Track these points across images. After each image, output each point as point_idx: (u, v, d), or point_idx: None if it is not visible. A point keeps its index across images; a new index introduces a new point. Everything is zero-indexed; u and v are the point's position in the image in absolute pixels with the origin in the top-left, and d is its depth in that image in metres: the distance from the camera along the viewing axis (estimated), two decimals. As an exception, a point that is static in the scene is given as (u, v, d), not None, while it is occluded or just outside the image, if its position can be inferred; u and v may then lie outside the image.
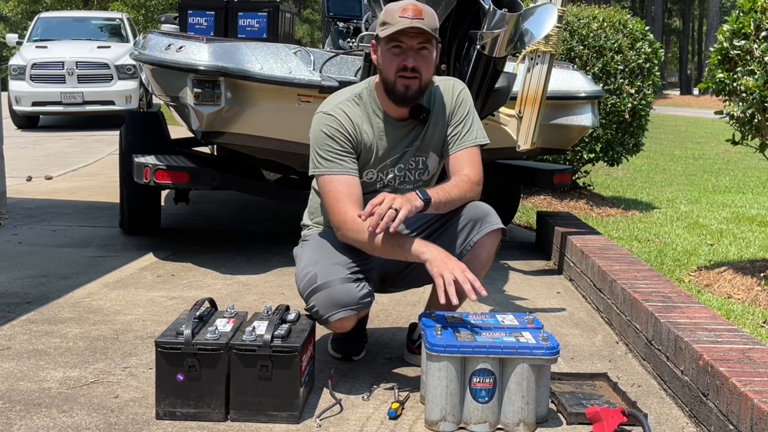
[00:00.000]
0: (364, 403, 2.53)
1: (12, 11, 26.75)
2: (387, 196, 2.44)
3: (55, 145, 10.58)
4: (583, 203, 6.48)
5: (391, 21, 2.56)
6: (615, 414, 2.32)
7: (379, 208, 2.41)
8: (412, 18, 2.53)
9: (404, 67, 2.56)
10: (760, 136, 3.86)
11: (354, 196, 2.57)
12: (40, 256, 4.47)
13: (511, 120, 4.05)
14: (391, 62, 2.57)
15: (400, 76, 2.57)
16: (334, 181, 2.58)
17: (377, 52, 2.64)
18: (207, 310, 2.59)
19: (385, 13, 2.59)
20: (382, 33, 2.57)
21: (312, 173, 2.65)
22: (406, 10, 2.54)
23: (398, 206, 2.41)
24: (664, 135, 14.10)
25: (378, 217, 2.40)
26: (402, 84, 2.58)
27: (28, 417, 2.36)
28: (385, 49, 2.58)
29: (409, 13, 2.53)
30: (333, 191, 2.58)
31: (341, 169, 2.59)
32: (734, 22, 3.79)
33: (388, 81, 2.60)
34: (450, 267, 2.41)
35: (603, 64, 6.32)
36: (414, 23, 2.52)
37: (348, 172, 2.60)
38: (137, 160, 4.31)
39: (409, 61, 2.56)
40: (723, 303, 3.59)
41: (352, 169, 2.61)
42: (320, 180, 2.62)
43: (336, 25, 5.67)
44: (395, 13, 2.55)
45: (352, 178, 2.60)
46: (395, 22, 2.54)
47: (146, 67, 4.57)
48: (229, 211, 6.17)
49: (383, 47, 2.59)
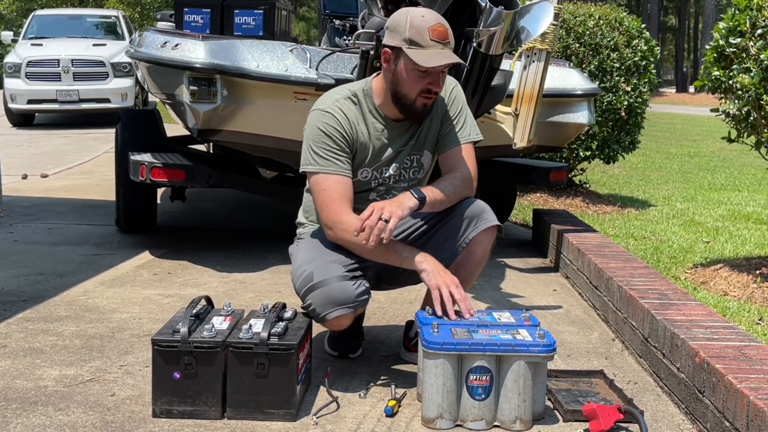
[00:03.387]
0: (361, 400, 2.53)
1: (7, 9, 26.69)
2: (375, 207, 2.45)
3: (51, 142, 10.56)
4: (580, 201, 6.48)
5: (421, 42, 2.50)
6: (611, 411, 2.32)
7: (368, 222, 2.42)
8: (443, 44, 2.51)
9: (429, 90, 2.56)
10: (756, 133, 3.86)
11: (347, 197, 2.58)
12: (36, 255, 4.46)
13: (508, 118, 4.05)
14: (415, 83, 2.55)
15: (423, 96, 2.57)
16: (329, 180, 2.58)
17: (392, 62, 2.57)
18: (203, 308, 2.59)
19: (412, 29, 2.51)
20: (413, 55, 2.50)
21: (304, 170, 2.63)
22: (435, 31, 2.50)
23: (387, 216, 2.43)
24: (660, 133, 14.12)
25: (369, 231, 2.42)
26: (422, 103, 2.58)
27: (25, 415, 2.36)
28: (410, 69, 2.53)
29: (439, 36, 2.50)
30: (327, 190, 2.57)
31: (336, 168, 2.59)
32: (730, 20, 3.80)
33: (407, 98, 2.58)
34: (447, 281, 2.47)
35: (599, 61, 6.33)
36: (445, 53, 2.50)
37: (342, 172, 2.60)
38: (133, 158, 4.31)
39: (435, 86, 2.56)
40: (719, 300, 3.60)
41: (347, 169, 2.61)
42: (313, 178, 2.62)
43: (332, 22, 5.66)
44: (425, 34, 2.50)
45: (345, 179, 2.59)
46: (426, 44, 2.50)
47: (142, 65, 4.56)
48: (226, 208, 6.17)
49: (407, 65, 2.53)
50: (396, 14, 2.62)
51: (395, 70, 2.57)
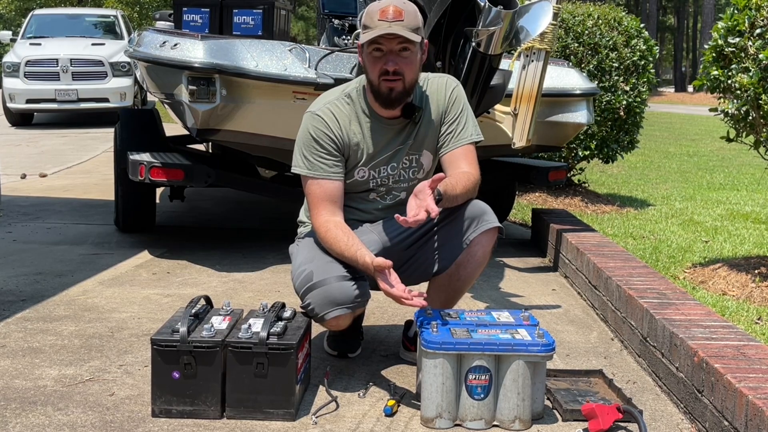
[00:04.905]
0: (360, 400, 2.54)
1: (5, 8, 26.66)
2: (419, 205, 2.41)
3: (50, 142, 10.55)
4: (578, 200, 6.48)
5: (370, 24, 2.55)
6: (610, 410, 2.33)
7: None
8: (392, 21, 2.51)
9: (385, 71, 2.56)
10: (755, 133, 3.86)
11: (329, 200, 2.61)
12: (35, 254, 4.46)
13: (507, 117, 4.06)
14: (373, 66, 2.58)
15: (383, 79, 2.57)
16: (313, 185, 2.63)
17: (362, 54, 2.64)
18: (202, 308, 2.59)
19: (366, 16, 2.58)
20: (363, 38, 2.57)
21: (294, 171, 2.68)
22: (385, 12, 2.53)
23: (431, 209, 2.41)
24: (659, 132, 14.12)
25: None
26: (386, 87, 2.58)
27: (24, 415, 2.36)
28: (367, 53, 2.58)
29: (388, 16, 2.52)
30: (311, 194, 2.64)
31: (321, 173, 2.62)
32: (729, 20, 3.80)
33: (373, 84, 2.61)
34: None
35: (598, 61, 6.33)
36: (392, 28, 2.51)
37: (329, 176, 2.62)
38: (132, 158, 4.31)
39: (390, 65, 2.56)
40: (718, 300, 3.60)
41: (334, 173, 2.63)
42: (302, 179, 2.68)
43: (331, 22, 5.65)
44: (375, 16, 2.54)
45: (330, 182, 2.62)
46: (374, 25, 2.53)
47: (141, 65, 4.56)
48: (225, 208, 6.17)
49: (366, 50, 2.59)
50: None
51: (363, 62, 2.62)
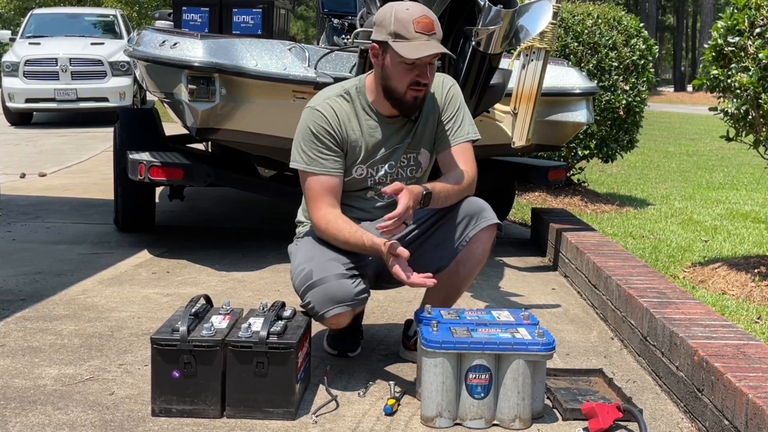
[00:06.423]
0: (360, 399, 2.53)
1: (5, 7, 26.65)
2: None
3: (49, 141, 10.55)
4: (578, 200, 6.48)
5: (405, 35, 2.50)
6: (610, 409, 2.33)
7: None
8: (429, 35, 2.50)
9: (418, 83, 2.55)
10: (754, 132, 3.86)
11: (327, 195, 2.61)
12: (34, 253, 4.46)
13: (506, 117, 4.06)
14: (403, 76, 2.55)
15: (412, 89, 2.56)
16: (312, 180, 2.62)
17: (381, 57, 2.59)
18: (202, 307, 2.58)
19: (397, 23, 2.52)
20: (399, 48, 2.50)
21: (292, 166, 2.67)
22: (419, 23, 2.50)
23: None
24: (659, 132, 14.12)
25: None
26: (412, 96, 2.58)
27: (24, 414, 2.35)
28: (397, 62, 2.54)
29: (424, 28, 2.50)
30: (309, 189, 2.64)
31: (320, 168, 2.62)
32: (728, 19, 3.80)
33: (396, 91, 2.58)
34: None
35: (597, 60, 6.33)
36: (432, 44, 2.49)
37: (327, 171, 2.62)
38: (131, 157, 4.30)
39: (423, 77, 2.55)
40: (717, 299, 3.60)
41: (333, 168, 2.63)
42: (300, 174, 2.67)
43: (330, 21, 5.65)
44: (409, 26, 2.50)
45: (329, 178, 2.62)
46: (411, 37, 2.50)
47: (140, 64, 4.56)
48: (224, 207, 6.16)
49: (394, 58, 2.54)
50: (382, 9, 2.63)
51: (383, 65, 2.59)
